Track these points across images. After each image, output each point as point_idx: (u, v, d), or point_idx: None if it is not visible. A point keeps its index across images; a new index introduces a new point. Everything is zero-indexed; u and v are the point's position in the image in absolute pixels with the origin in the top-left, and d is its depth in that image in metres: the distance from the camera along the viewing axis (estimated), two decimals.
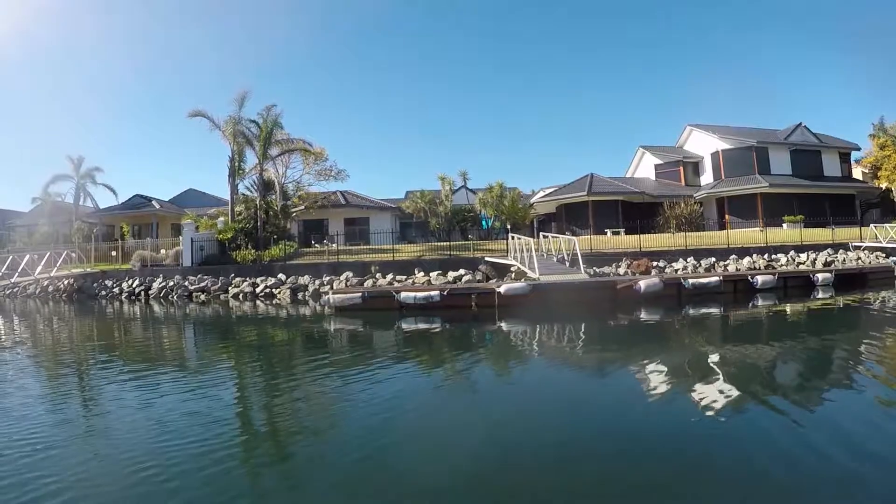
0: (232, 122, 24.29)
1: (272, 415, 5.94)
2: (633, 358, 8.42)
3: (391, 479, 3.95)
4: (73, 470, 4.15)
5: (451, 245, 22.31)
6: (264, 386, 7.33)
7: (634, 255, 21.58)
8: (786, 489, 3.63)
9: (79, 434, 5.28)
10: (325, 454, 4.54)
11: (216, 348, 11.16)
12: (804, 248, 22.64)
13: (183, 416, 5.57)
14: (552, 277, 14.82)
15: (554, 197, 31.88)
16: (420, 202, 29.32)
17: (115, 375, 8.15)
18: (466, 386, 6.98)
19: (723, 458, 4.19)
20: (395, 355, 9.15)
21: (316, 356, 9.32)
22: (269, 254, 22.32)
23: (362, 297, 13.35)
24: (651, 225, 27.26)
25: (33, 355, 10.39)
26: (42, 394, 7.11)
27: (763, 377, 7.02)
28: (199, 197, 35.38)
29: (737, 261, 21.14)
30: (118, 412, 5.95)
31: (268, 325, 14.06)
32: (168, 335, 13.00)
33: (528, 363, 8.45)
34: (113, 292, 22.56)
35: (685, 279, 15.74)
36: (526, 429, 5.04)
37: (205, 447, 4.60)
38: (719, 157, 32.33)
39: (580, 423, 5.26)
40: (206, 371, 8.54)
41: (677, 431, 4.86)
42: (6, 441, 4.85)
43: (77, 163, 31.31)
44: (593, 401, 6.17)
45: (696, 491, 3.70)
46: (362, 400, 6.16)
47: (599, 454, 4.38)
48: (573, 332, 11.36)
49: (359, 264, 21.04)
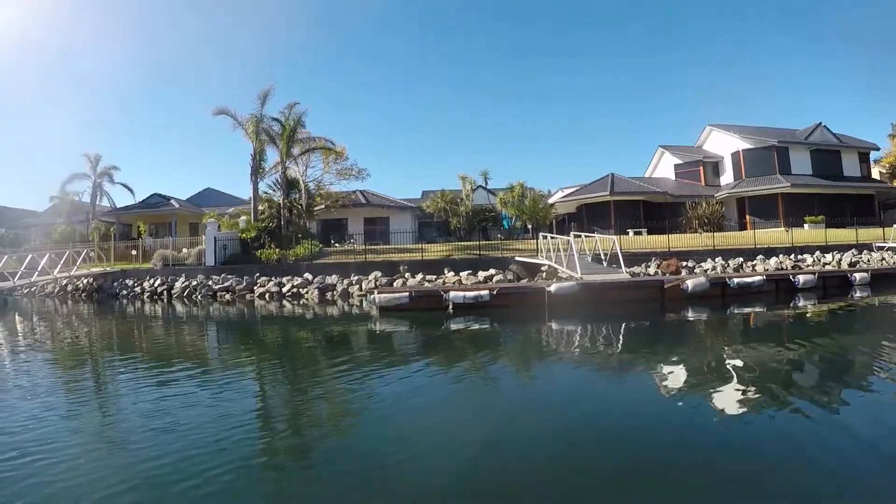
0: (254, 120, 23.99)
1: (330, 421, 5.59)
2: (690, 357, 8.25)
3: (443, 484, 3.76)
4: (92, 470, 4.07)
5: (481, 245, 22.01)
6: (327, 390, 6.89)
7: (663, 255, 21.41)
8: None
9: (104, 435, 5.10)
10: (387, 463, 4.19)
11: (269, 350, 10.78)
12: (829, 249, 22.55)
13: (242, 421, 5.31)
14: (596, 277, 14.56)
15: (575, 197, 31.66)
16: (441, 202, 29.04)
17: (166, 377, 7.82)
18: (527, 386, 6.84)
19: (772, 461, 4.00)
20: (452, 355, 8.84)
21: (381, 357, 9.03)
22: (294, 253, 21.99)
23: (409, 297, 13.05)
24: (673, 225, 27.06)
25: (60, 356, 10.04)
26: (67, 396, 6.79)
27: (828, 376, 6.90)
28: (217, 196, 35.05)
29: (764, 261, 21.08)
30: (174, 412, 5.65)
31: (310, 325, 13.75)
32: (206, 336, 12.64)
33: (586, 363, 8.06)
34: (134, 292, 22.21)
35: (730, 278, 15.52)
36: (588, 431, 4.87)
37: (256, 451, 4.46)
38: (740, 156, 32.13)
39: (646, 426, 5.04)
40: (267, 375, 8.22)
41: (741, 432, 4.72)
42: (26, 443, 4.67)
43: (94, 161, 30.91)
44: (655, 402, 5.92)
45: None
46: (422, 401, 5.97)
47: (657, 456, 4.21)
48: (630, 330, 11.13)
49: (386, 264, 20.74)
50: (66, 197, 29.86)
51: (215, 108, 23.63)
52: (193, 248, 24.04)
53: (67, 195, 29.99)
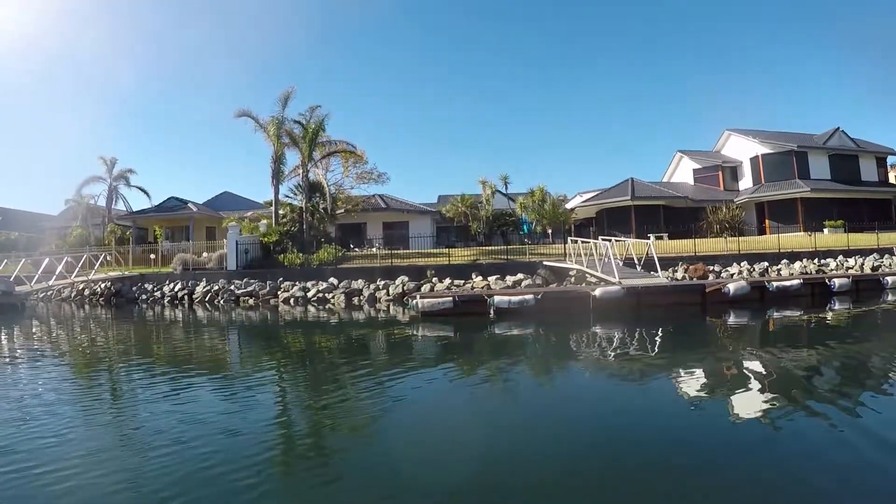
0: (276, 123, 23.81)
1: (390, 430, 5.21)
2: (753, 360, 8.09)
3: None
4: (111, 476, 3.91)
5: (508, 249, 21.78)
6: (379, 396, 6.58)
7: (689, 259, 21.29)
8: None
9: (129, 440, 4.91)
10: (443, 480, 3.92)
11: (318, 356, 10.50)
12: (851, 253, 22.45)
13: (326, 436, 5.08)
14: (637, 281, 14.35)
15: (595, 201, 31.48)
16: (461, 206, 28.84)
17: (211, 384, 7.61)
18: (586, 390, 6.71)
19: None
20: (502, 360, 8.59)
21: (434, 362, 8.79)
22: (318, 257, 21.73)
23: (453, 302, 12.82)
24: (694, 229, 26.90)
25: (87, 362, 9.73)
26: (92, 405, 6.51)
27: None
28: (234, 200, 34.80)
29: (788, 265, 21.02)
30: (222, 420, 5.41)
31: (349, 330, 13.50)
32: (239, 342, 12.35)
33: (640, 368, 7.75)
34: (154, 296, 21.94)
35: (769, 282, 15.47)
36: (649, 438, 4.62)
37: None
38: (759, 161, 31.99)
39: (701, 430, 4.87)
40: (321, 387, 7.95)
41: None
42: (47, 451, 4.50)
43: (110, 164, 30.67)
44: (711, 407, 5.73)
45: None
46: (472, 409, 5.77)
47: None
48: (680, 334, 11.07)
49: (413, 268, 20.49)
50: (82, 200, 29.55)
51: (237, 111, 23.46)
52: (214, 252, 23.77)
53: (83, 198, 29.70)
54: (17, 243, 30.04)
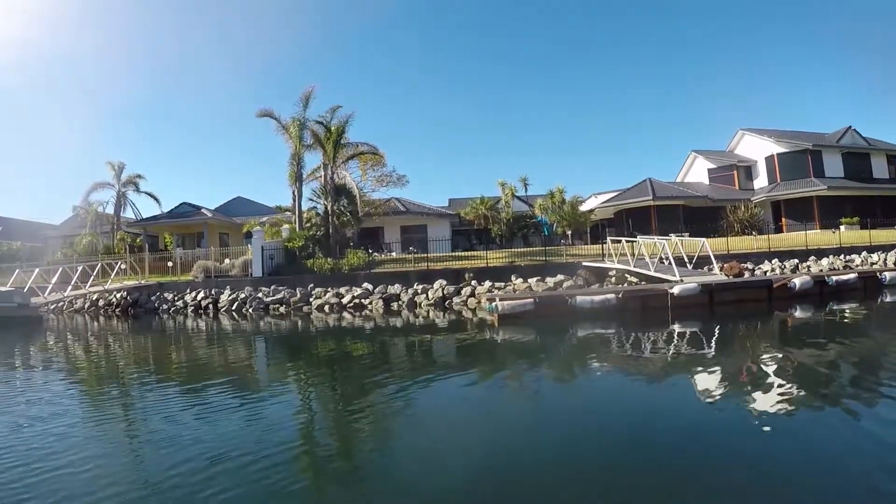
0: (297, 124, 23.13)
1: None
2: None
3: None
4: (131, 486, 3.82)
5: (546, 251, 21.38)
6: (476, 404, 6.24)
7: (721, 258, 21.15)
8: None
9: (152, 455, 4.65)
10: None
11: (401, 367, 9.89)
12: (873, 249, 22.71)
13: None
14: (707, 278, 14.28)
15: (615, 202, 31.34)
16: (481, 209, 28.41)
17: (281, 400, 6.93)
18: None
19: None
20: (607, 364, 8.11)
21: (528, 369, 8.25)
22: (348, 262, 21.00)
23: (534, 303, 12.40)
24: (713, 229, 26.88)
25: (130, 380, 8.99)
26: (111, 418, 6.15)
27: None
28: (247, 205, 33.83)
29: (816, 261, 21.20)
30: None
31: (412, 336, 12.85)
32: (305, 361, 10.47)
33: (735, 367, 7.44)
34: (175, 306, 20.94)
35: (828, 276, 15.58)
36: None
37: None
38: (774, 160, 32.22)
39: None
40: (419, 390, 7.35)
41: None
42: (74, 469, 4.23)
43: (118, 170, 29.47)
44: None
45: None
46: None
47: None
48: (766, 329, 11.00)
49: (450, 271, 19.90)
50: (91, 207, 28.36)
51: (259, 110, 22.77)
52: (235, 258, 22.91)
53: (91, 205, 28.50)
54: (18, 253, 28.74)
